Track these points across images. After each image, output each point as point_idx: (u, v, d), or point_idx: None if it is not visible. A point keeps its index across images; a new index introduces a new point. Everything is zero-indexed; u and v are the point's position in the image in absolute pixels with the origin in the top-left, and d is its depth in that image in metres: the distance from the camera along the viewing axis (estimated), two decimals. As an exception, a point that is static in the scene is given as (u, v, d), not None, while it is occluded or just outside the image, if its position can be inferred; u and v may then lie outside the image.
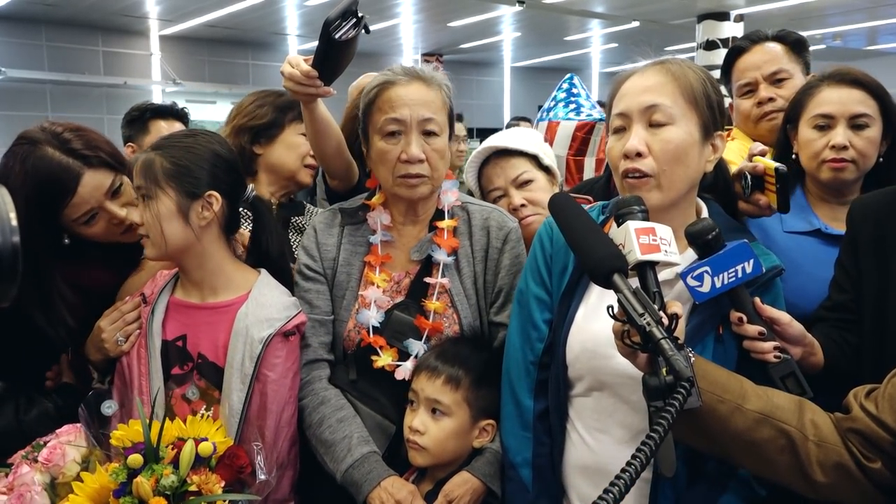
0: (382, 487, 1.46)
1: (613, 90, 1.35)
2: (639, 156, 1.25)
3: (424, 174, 1.56)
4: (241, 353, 1.48)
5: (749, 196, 1.52)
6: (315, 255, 1.66)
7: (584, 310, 1.36)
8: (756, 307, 1.27)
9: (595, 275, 1.10)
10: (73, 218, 1.58)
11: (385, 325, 1.59)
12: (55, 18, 11.47)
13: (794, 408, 1.16)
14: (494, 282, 1.63)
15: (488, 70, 17.69)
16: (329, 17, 1.56)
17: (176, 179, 1.47)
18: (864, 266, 1.49)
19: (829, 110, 1.68)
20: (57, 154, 1.54)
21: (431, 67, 1.66)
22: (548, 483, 1.40)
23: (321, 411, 1.57)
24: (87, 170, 1.56)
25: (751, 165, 1.52)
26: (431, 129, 1.55)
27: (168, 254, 1.53)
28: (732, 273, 1.21)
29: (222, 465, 1.34)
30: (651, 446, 0.89)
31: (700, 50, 11.28)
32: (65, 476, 1.33)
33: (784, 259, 1.67)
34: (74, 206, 1.57)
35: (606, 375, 1.31)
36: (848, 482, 1.11)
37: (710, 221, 1.24)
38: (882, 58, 15.81)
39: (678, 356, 0.99)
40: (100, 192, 1.59)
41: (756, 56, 2.05)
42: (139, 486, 1.23)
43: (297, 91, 1.68)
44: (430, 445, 1.48)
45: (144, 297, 1.60)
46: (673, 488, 1.29)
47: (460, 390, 1.49)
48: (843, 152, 1.66)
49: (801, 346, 1.33)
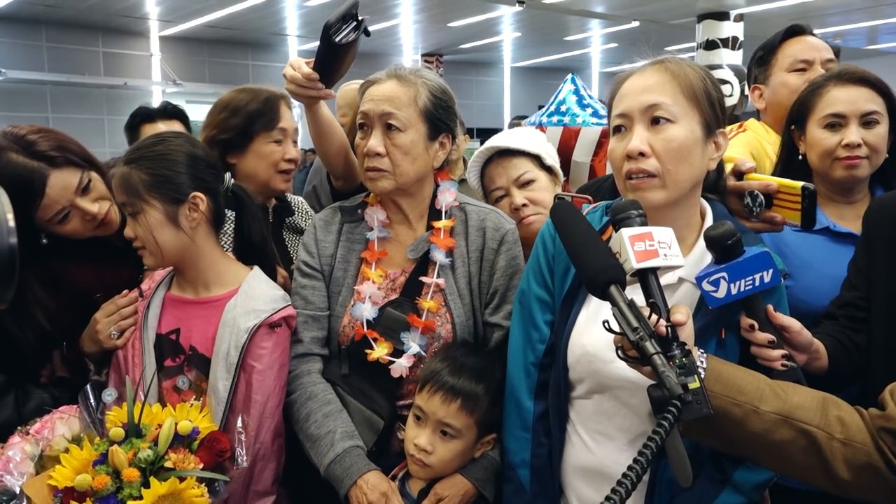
0: (358, 486, 1.47)
1: (613, 91, 1.34)
2: (642, 155, 1.25)
3: (383, 168, 1.57)
4: (227, 343, 1.51)
5: (759, 214, 1.49)
6: (313, 252, 1.68)
7: (586, 313, 1.35)
8: (768, 315, 1.25)
9: (592, 288, 1.10)
10: (46, 218, 1.60)
11: (378, 321, 1.61)
12: (55, 19, 11.48)
13: (817, 405, 1.12)
14: (490, 282, 1.63)
15: (488, 70, 17.71)
16: (329, 20, 1.56)
17: (158, 189, 1.50)
18: (877, 265, 1.49)
19: (840, 109, 1.70)
20: (21, 158, 1.55)
21: (420, 68, 1.67)
22: (546, 484, 1.40)
23: (308, 406, 1.58)
24: (53, 170, 1.57)
25: (762, 185, 1.48)
26: (392, 124, 1.55)
27: (167, 261, 1.57)
28: (750, 281, 1.19)
29: (203, 448, 1.37)
30: (643, 462, 0.90)
31: (700, 50, 11.29)
32: (52, 449, 1.36)
33: (793, 257, 1.67)
34: (46, 208, 1.58)
35: (607, 379, 1.31)
36: (875, 481, 1.09)
37: (731, 226, 1.21)
38: (882, 57, 15.82)
39: (669, 372, 0.98)
40: (69, 191, 1.60)
41: (816, 41, 2.16)
42: (114, 455, 1.27)
43: (298, 93, 1.70)
44: (436, 464, 1.48)
45: (141, 292, 1.63)
46: (668, 489, 1.28)
47: (474, 414, 1.48)
48: (857, 150, 1.68)
49: (808, 354, 1.33)
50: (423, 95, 1.58)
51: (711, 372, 1.11)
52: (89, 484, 1.25)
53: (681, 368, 1.02)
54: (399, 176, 1.59)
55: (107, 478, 1.26)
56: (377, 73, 1.63)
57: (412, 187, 1.64)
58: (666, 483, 1.27)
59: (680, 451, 1.00)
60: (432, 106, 1.59)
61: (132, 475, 1.27)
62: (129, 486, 1.26)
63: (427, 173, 1.65)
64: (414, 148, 1.58)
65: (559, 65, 17.59)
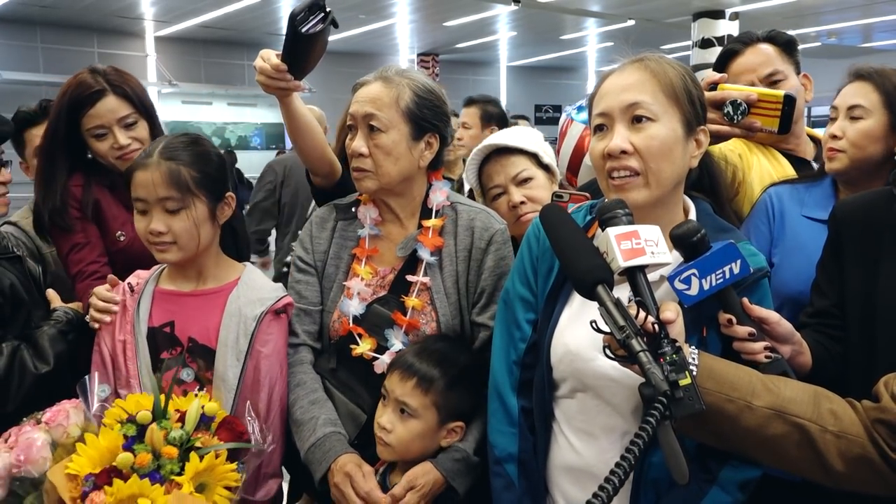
0: (331, 470, 1.50)
1: (594, 90, 1.34)
2: (623, 153, 1.25)
3: (366, 168, 1.60)
4: (234, 332, 1.58)
5: (739, 122, 1.60)
6: (308, 248, 1.73)
7: (569, 312, 1.35)
8: (745, 308, 1.26)
9: (579, 287, 1.11)
10: (87, 127, 1.90)
11: (364, 318, 1.64)
12: (50, 20, 11.46)
13: (809, 398, 1.13)
14: (477, 282, 1.65)
15: (484, 69, 17.72)
16: (294, 10, 1.57)
17: (206, 187, 1.59)
18: (849, 270, 1.48)
19: (835, 103, 1.74)
20: (90, 77, 1.92)
21: (410, 69, 1.67)
22: (533, 481, 1.40)
23: (296, 392, 1.63)
24: (109, 94, 1.90)
25: (743, 94, 1.61)
26: (373, 125, 1.58)
27: (196, 255, 1.62)
28: (720, 274, 1.20)
29: (223, 430, 1.42)
30: (630, 459, 0.91)
31: (695, 48, 11.31)
32: (68, 436, 1.40)
33: (797, 245, 1.69)
34: (90, 117, 1.89)
35: (589, 378, 1.31)
36: (869, 472, 1.09)
37: (694, 223, 1.23)
38: (877, 55, 15.86)
39: (655, 369, 0.98)
40: (113, 116, 1.90)
41: (750, 58, 2.02)
42: (153, 433, 1.33)
43: (267, 85, 1.70)
44: (395, 444, 1.51)
45: (132, 287, 1.68)
46: (654, 488, 1.28)
47: (430, 394, 1.50)
48: (833, 141, 1.70)
49: (790, 345, 1.33)
50: (405, 96, 1.59)
51: (703, 368, 1.12)
52: (131, 462, 1.29)
53: (672, 365, 1.02)
54: (382, 176, 1.60)
55: (148, 455, 1.31)
56: (368, 74, 1.66)
57: (398, 187, 1.65)
58: (651, 483, 1.27)
59: (675, 448, 1.00)
60: (415, 106, 1.60)
61: (171, 452, 1.32)
62: (169, 463, 1.32)
63: (412, 173, 1.65)
64: (395, 148, 1.59)
65: (555, 64, 17.61)
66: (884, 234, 1.44)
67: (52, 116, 1.95)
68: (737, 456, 1.25)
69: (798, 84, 1.96)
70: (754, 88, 1.64)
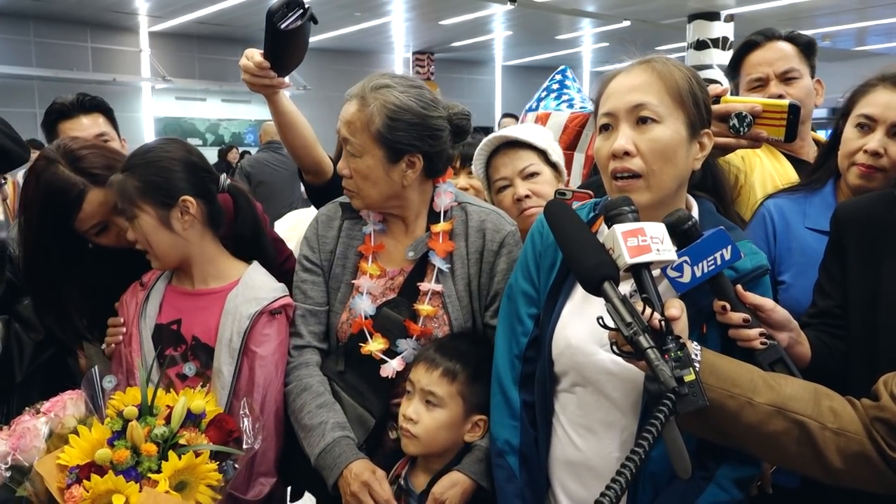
0: (343, 476, 1.48)
1: (600, 90, 1.35)
2: (627, 155, 1.26)
3: (352, 189, 1.61)
4: (230, 330, 1.59)
5: (746, 133, 1.58)
6: (315, 247, 1.69)
7: (570, 307, 1.37)
8: (738, 294, 1.27)
9: (586, 284, 1.12)
10: (83, 229, 1.70)
11: (374, 319, 1.61)
12: (43, 14, 11.40)
13: (810, 396, 1.14)
14: (489, 285, 1.62)
15: (480, 68, 17.72)
16: (272, 6, 1.56)
17: (148, 195, 1.57)
18: (852, 271, 1.48)
19: (871, 112, 1.62)
20: (66, 172, 1.65)
21: (389, 83, 1.55)
22: (534, 474, 1.41)
23: (303, 397, 1.60)
24: (93, 188, 1.66)
25: (748, 106, 1.58)
26: (349, 149, 1.56)
27: (167, 263, 1.66)
28: (712, 261, 1.22)
29: (212, 428, 1.42)
30: (639, 457, 0.91)
31: (690, 50, 11.33)
32: (63, 426, 1.41)
33: (807, 262, 1.66)
34: (82, 220, 1.68)
35: (589, 372, 1.32)
36: (867, 469, 1.10)
37: (684, 212, 1.25)
38: (871, 58, 15.94)
39: (663, 366, 0.99)
40: (105, 208, 1.67)
41: (769, 53, 2.04)
42: (133, 430, 1.33)
43: (253, 83, 1.70)
44: (422, 434, 1.50)
45: (142, 282, 1.72)
46: (653, 483, 1.29)
47: (455, 384, 1.51)
48: (876, 159, 1.60)
49: (788, 332, 1.34)
50: (376, 120, 1.50)
51: (706, 364, 1.13)
52: (110, 458, 1.30)
53: (676, 361, 1.04)
54: (365, 198, 1.60)
55: (126, 452, 1.32)
56: (354, 86, 1.59)
57: (389, 203, 1.62)
58: (650, 476, 1.28)
59: (678, 443, 1.01)
60: (386, 130, 1.51)
61: (150, 449, 1.33)
62: (147, 460, 1.32)
63: (397, 193, 1.59)
64: (372, 173, 1.55)
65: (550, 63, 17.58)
66: (886, 235, 1.45)
67: (28, 220, 1.69)
68: (734, 454, 1.26)
69: (811, 85, 1.97)
70: (758, 99, 1.60)
